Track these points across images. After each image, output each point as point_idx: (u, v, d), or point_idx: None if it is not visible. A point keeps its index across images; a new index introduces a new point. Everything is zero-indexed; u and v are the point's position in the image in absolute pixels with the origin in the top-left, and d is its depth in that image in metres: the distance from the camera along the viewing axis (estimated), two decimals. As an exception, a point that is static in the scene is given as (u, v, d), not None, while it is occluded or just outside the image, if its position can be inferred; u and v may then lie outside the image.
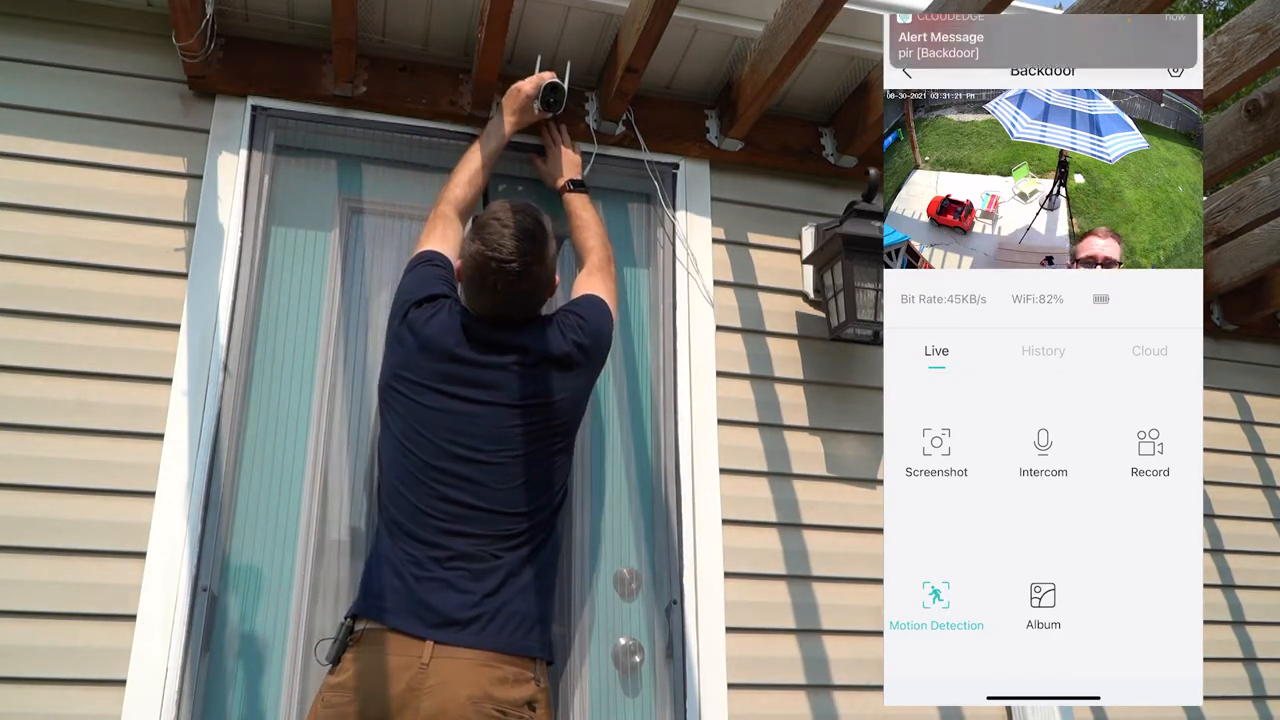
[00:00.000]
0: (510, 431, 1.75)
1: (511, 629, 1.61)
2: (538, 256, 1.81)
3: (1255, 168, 2.67)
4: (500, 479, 1.73)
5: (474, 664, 1.54)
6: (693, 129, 2.56)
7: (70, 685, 1.86)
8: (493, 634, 1.58)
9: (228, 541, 2.03)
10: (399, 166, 2.39)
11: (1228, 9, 11.03)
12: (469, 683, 1.51)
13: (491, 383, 1.79)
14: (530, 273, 1.81)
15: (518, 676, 1.55)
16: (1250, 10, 2.09)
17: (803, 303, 2.58)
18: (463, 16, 2.31)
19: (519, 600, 1.64)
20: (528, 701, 1.53)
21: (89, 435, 2.00)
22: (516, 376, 1.78)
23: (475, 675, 1.53)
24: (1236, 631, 2.80)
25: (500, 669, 1.55)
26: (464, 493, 1.72)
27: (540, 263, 1.81)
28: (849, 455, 2.49)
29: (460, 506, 1.71)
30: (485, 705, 1.50)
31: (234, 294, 2.15)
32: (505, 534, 1.70)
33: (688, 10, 2.27)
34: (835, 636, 2.33)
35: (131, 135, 2.20)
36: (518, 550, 1.70)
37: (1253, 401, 3.10)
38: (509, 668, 1.56)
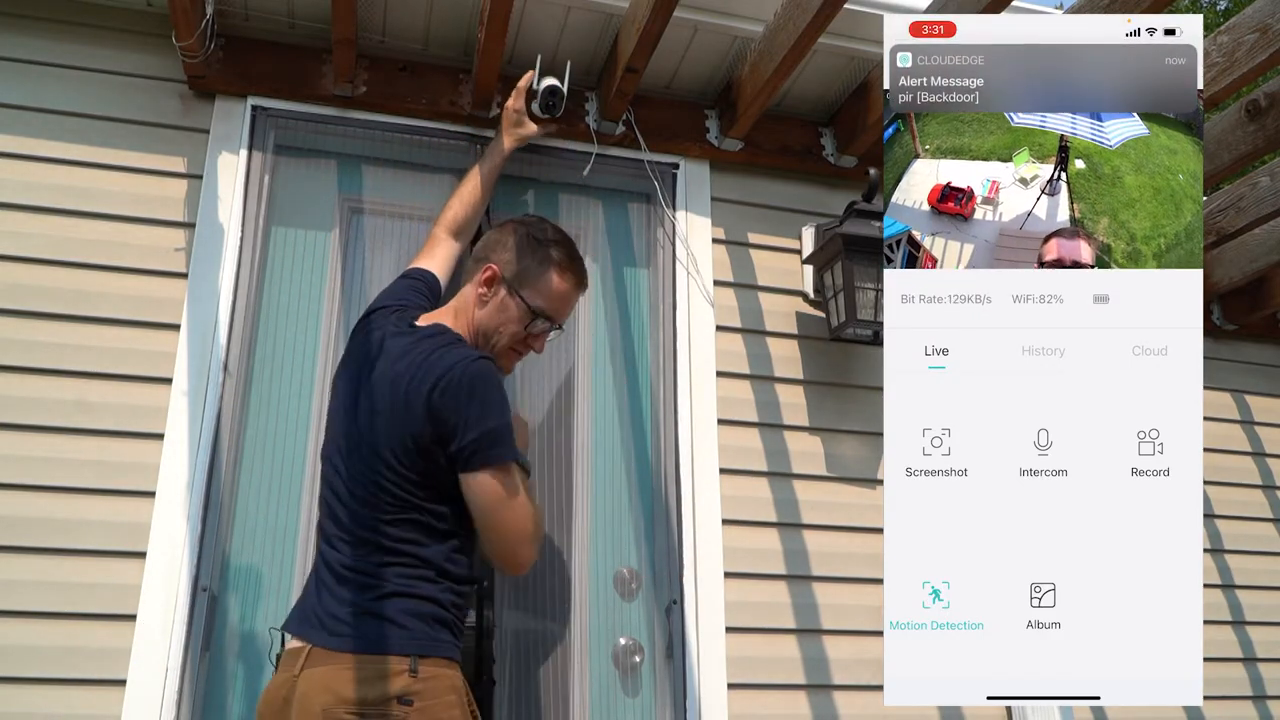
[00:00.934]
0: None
1: (370, 629, 1.51)
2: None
3: (1255, 168, 2.66)
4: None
5: (333, 669, 1.46)
6: (693, 129, 2.56)
7: (70, 685, 1.86)
8: (352, 637, 1.50)
9: (228, 541, 2.03)
10: (399, 166, 2.39)
11: (1228, 9, 11.03)
12: (323, 689, 1.44)
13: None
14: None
15: (379, 673, 1.45)
16: (1250, 10, 2.09)
17: (803, 303, 2.58)
18: (463, 16, 2.31)
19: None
20: (396, 697, 1.44)
21: (89, 435, 2.00)
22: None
23: (330, 680, 1.45)
24: (1236, 631, 2.80)
25: (360, 669, 1.46)
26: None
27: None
28: (849, 455, 2.49)
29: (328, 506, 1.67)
30: (338, 710, 1.42)
31: (234, 294, 2.15)
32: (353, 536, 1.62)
33: (688, 10, 2.27)
34: (835, 636, 2.33)
35: (131, 135, 2.20)
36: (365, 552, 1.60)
37: (1253, 401, 3.10)
38: (370, 666, 1.46)
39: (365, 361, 1.70)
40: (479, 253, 1.83)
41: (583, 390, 2.37)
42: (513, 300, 1.75)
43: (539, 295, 1.76)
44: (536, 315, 1.76)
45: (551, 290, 1.77)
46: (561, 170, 2.46)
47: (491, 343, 1.76)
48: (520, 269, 1.76)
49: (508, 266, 1.76)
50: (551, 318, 1.79)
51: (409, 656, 1.48)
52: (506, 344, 1.76)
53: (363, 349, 1.74)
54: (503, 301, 1.75)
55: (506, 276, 1.76)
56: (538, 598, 2.17)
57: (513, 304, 1.75)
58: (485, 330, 1.75)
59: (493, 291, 1.76)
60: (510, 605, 2.13)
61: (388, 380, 1.62)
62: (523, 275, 1.76)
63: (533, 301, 1.75)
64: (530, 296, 1.75)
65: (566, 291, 1.80)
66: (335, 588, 1.55)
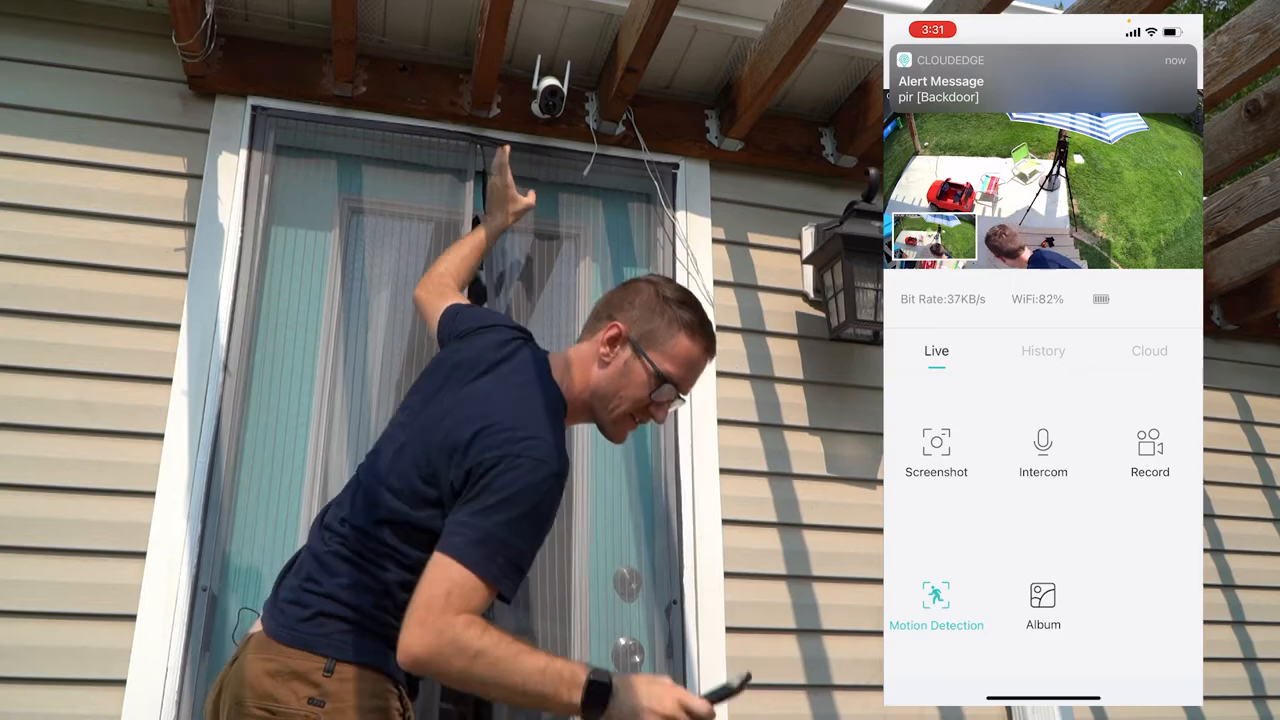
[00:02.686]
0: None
1: (299, 624, 1.42)
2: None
3: (1255, 168, 2.67)
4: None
5: (259, 658, 1.39)
6: (693, 129, 2.56)
7: (70, 685, 1.86)
8: (281, 623, 1.42)
9: (228, 541, 2.03)
10: (399, 166, 2.39)
11: (1227, 9, 11.03)
12: (244, 681, 1.37)
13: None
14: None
15: (295, 670, 1.37)
16: (1250, 10, 2.10)
17: (803, 303, 2.58)
18: (463, 16, 2.31)
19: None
20: (308, 697, 1.35)
21: (89, 435, 2.00)
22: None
23: (253, 670, 1.37)
24: (1236, 631, 2.80)
25: (278, 663, 1.38)
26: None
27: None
28: (849, 455, 2.49)
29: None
30: (249, 703, 1.35)
31: (234, 294, 2.15)
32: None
33: (688, 10, 2.27)
34: (835, 636, 2.33)
35: (131, 135, 2.20)
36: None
37: (1253, 401, 3.10)
38: (291, 661, 1.38)
39: (471, 367, 1.57)
40: (601, 310, 1.67)
41: (583, 390, 2.36)
42: (638, 363, 1.58)
43: (668, 360, 1.59)
44: (664, 381, 1.59)
45: (681, 355, 1.60)
46: (561, 170, 2.46)
47: (610, 407, 1.61)
48: (648, 330, 1.60)
49: (634, 326, 1.59)
50: (679, 385, 1.61)
51: (326, 658, 1.39)
52: (626, 410, 1.61)
53: (475, 354, 1.61)
54: (627, 364, 1.59)
55: (632, 337, 1.59)
56: (538, 598, 2.17)
57: (638, 366, 1.58)
58: (603, 394, 1.60)
59: (615, 352, 1.59)
60: (510, 605, 2.13)
61: (456, 403, 1.49)
62: (651, 337, 1.59)
63: (661, 366, 1.58)
64: (658, 360, 1.58)
65: (698, 357, 1.62)
66: (305, 574, 1.47)
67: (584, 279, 2.47)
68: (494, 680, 1.28)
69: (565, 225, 2.49)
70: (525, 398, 1.49)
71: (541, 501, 1.35)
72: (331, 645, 1.40)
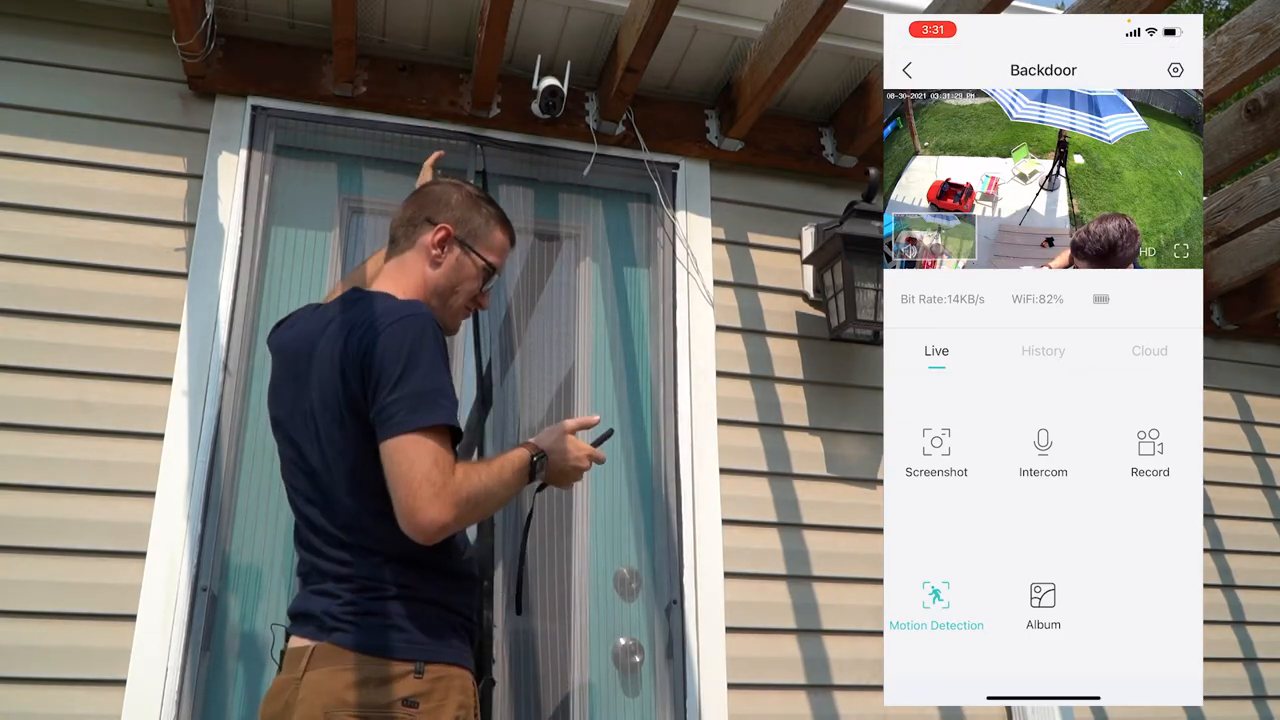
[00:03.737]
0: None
1: (374, 631, 1.49)
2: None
3: (1255, 168, 2.67)
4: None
5: (336, 670, 1.45)
6: (693, 129, 2.56)
7: (70, 685, 1.86)
8: (355, 636, 1.47)
9: (228, 541, 2.03)
10: (399, 166, 2.39)
11: (1228, 9, 11.03)
12: (325, 691, 1.42)
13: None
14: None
15: (384, 675, 1.44)
16: (1250, 10, 2.10)
17: (803, 303, 2.58)
18: (463, 16, 2.31)
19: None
20: (401, 699, 1.42)
21: (89, 435, 2.00)
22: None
23: (333, 681, 1.43)
24: (1236, 631, 2.80)
25: (362, 670, 1.44)
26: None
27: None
28: (849, 455, 2.49)
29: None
30: (339, 713, 1.40)
31: (234, 294, 2.15)
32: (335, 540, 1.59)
33: (688, 10, 2.27)
34: (835, 636, 2.33)
35: (132, 135, 2.20)
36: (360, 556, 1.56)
37: (1253, 401, 3.10)
38: (374, 668, 1.45)
39: (300, 351, 1.64)
40: (414, 215, 1.77)
41: (583, 390, 2.37)
42: (469, 258, 1.73)
43: (491, 252, 1.76)
44: (493, 271, 1.76)
45: (498, 246, 1.77)
46: (561, 170, 2.46)
47: (449, 303, 1.73)
48: (471, 228, 1.75)
49: (459, 226, 1.74)
50: (498, 272, 1.80)
51: (414, 661, 1.46)
52: (463, 302, 1.75)
53: (292, 344, 1.68)
54: (459, 260, 1.72)
55: (459, 235, 1.74)
56: (538, 598, 2.17)
57: (469, 261, 1.73)
58: (441, 290, 1.71)
59: (445, 252, 1.73)
60: (510, 605, 2.13)
61: (322, 352, 1.56)
62: (474, 234, 1.75)
63: (488, 258, 1.75)
64: (486, 253, 1.75)
65: (507, 245, 1.81)
66: (333, 576, 1.52)
67: (584, 279, 2.47)
68: (491, 505, 1.52)
69: (565, 225, 2.49)
70: (370, 301, 1.60)
71: (430, 340, 1.50)
72: (415, 649, 1.48)
